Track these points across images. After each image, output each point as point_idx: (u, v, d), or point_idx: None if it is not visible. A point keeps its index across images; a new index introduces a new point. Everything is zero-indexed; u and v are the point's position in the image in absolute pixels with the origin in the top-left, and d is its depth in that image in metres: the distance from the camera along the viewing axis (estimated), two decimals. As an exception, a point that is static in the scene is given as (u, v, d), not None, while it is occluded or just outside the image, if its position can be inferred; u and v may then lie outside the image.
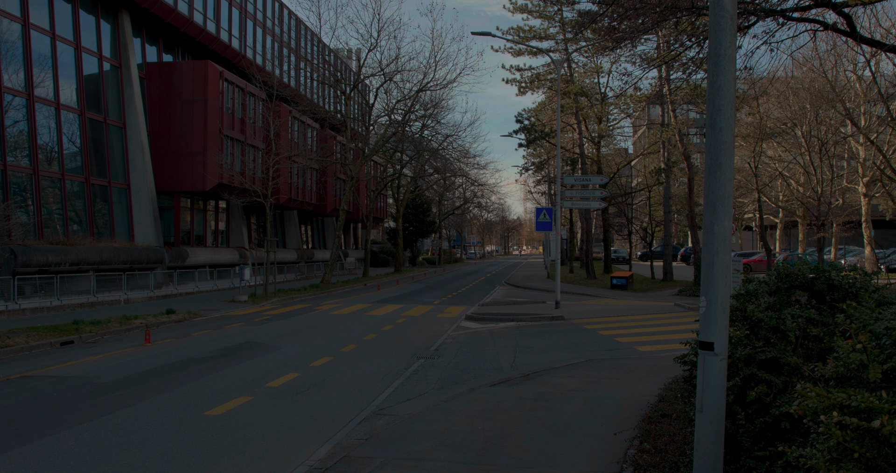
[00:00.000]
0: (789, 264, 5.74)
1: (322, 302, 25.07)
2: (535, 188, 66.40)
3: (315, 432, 7.45)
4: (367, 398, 9.10)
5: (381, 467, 5.98)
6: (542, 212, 22.02)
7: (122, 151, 30.18)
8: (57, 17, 26.43)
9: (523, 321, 18.01)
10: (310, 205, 45.76)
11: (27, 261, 21.73)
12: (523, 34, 36.34)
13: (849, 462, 3.06)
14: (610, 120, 42.15)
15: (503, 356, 12.59)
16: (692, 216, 29.79)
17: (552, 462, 6.09)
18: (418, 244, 70.04)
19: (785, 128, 32.81)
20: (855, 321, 3.82)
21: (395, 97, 40.63)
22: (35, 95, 25.08)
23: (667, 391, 8.47)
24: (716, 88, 4.40)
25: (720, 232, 4.40)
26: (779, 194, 40.40)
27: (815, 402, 3.21)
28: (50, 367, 11.39)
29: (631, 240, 46.88)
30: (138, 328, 16.23)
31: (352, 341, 14.62)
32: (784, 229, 48.87)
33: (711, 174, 4.40)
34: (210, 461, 6.42)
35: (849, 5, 13.02)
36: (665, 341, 13.71)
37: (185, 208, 34.75)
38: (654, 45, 24.87)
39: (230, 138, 34.23)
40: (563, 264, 52.57)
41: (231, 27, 36.47)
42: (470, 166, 57.16)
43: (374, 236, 74.92)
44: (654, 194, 41.11)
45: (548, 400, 8.47)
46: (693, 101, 32.24)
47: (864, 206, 35.05)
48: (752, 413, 4.71)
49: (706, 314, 4.37)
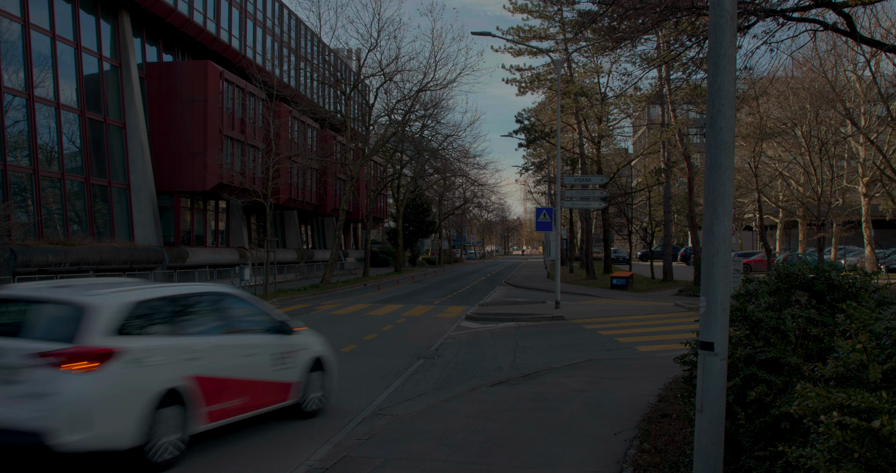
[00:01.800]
0: (789, 264, 5.74)
1: (322, 302, 25.08)
2: (535, 188, 66.43)
3: (315, 431, 7.45)
4: (368, 397, 9.10)
5: (381, 467, 5.98)
6: (542, 212, 22.03)
7: (122, 151, 30.18)
8: (57, 17, 26.42)
9: (523, 320, 18.01)
10: (310, 205, 45.77)
11: (27, 261, 21.73)
12: (523, 34, 36.35)
13: (849, 462, 3.06)
14: (610, 120, 42.15)
15: (503, 356, 12.60)
16: (692, 216, 29.79)
17: (552, 462, 6.10)
18: (418, 244, 70.04)
19: (785, 128, 32.80)
20: (855, 321, 3.82)
21: (395, 97, 40.65)
22: (35, 95, 25.08)
23: (667, 391, 8.47)
24: (716, 88, 4.40)
25: (720, 232, 4.40)
26: (779, 194, 40.40)
27: (815, 402, 3.21)
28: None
29: (631, 240, 46.94)
30: (138, 328, 16.20)
31: (352, 341, 14.62)
32: (784, 229, 48.86)
33: (711, 174, 4.41)
34: (210, 461, 6.42)
35: (849, 5, 13.02)
36: (665, 341, 13.70)
37: (185, 208, 34.75)
38: (654, 45, 24.87)
39: (230, 138, 34.23)
40: (563, 264, 52.54)
41: (231, 27, 36.47)
42: (470, 166, 57.18)
43: (374, 236, 74.92)
44: (654, 194, 41.11)
45: (548, 400, 8.47)
46: (693, 101, 32.24)
47: (864, 206, 35.05)
48: (752, 413, 4.71)
49: (706, 314, 4.38)
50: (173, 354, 6.21)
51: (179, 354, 6.27)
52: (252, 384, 7.05)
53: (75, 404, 5.41)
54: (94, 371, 5.54)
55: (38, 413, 5.33)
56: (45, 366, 5.43)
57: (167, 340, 6.30)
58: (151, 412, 5.82)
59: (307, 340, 8.19)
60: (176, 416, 6.08)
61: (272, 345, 7.47)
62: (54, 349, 5.51)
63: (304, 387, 7.80)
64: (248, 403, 7.00)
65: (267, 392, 7.28)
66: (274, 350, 7.44)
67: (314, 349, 8.21)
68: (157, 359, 6.03)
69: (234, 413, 6.84)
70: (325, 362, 8.36)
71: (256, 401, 7.14)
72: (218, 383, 6.57)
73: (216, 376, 6.57)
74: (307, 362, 7.91)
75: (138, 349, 5.92)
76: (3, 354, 5.56)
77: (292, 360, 7.64)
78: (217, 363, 6.63)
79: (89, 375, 5.52)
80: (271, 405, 7.38)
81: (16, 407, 5.37)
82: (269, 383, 7.29)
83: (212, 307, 7.20)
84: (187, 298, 6.97)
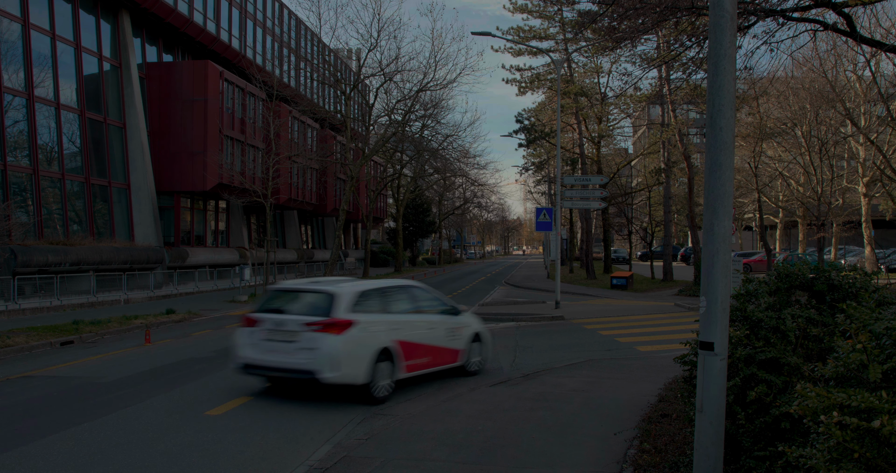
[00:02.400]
0: (789, 264, 5.74)
1: (322, 302, 25.04)
2: (535, 188, 66.43)
3: (315, 432, 7.45)
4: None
5: (381, 467, 5.98)
6: (542, 212, 22.02)
7: (122, 151, 30.19)
8: (57, 17, 26.43)
9: (523, 320, 18.01)
10: (310, 205, 45.77)
11: (27, 261, 21.73)
12: (523, 34, 36.34)
13: (849, 462, 3.06)
14: (610, 120, 42.13)
15: (503, 355, 12.59)
16: (692, 216, 29.79)
17: (552, 461, 6.10)
18: (418, 244, 70.02)
19: (785, 128, 32.79)
20: (855, 321, 3.82)
21: (395, 97, 40.64)
22: (35, 95, 25.08)
23: (667, 391, 8.47)
24: (716, 88, 4.40)
25: (720, 232, 4.40)
26: (779, 194, 40.39)
27: (815, 402, 3.21)
28: (50, 367, 11.39)
29: (631, 240, 46.88)
30: (138, 328, 16.22)
31: (352, 341, 14.61)
32: (784, 229, 48.86)
33: (711, 174, 4.40)
34: (210, 461, 6.43)
35: (849, 5, 13.02)
36: (665, 341, 13.70)
37: (185, 208, 34.76)
38: (654, 45, 24.88)
39: (230, 138, 34.24)
40: (563, 264, 52.54)
41: (231, 27, 36.48)
42: (470, 166, 57.16)
43: (374, 236, 74.91)
44: (654, 194, 41.10)
45: (548, 400, 8.47)
46: (693, 101, 32.23)
47: (864, 206, 35.04)
48: (752, 413, 4.71)
49: (706, 314, 4.37)
50: (385, 325, 9.07)
51: (389, 325, 9.12)
52: (433, 349, 9.83)
53: (330, 354, 8.30)
54: (341, 334, 8.42)
55: (309, 360, 8.34)
56: (311, 331, 8.43)
57: (381, 315, 9.17)
58: (373, 362, 8.58)
59: (469, 320, 10.83)
60: (387, 366, 8.85)
61: (446, 322, 10.24)
62: (317, 320, 8.49)
63: (467, 353, 10.43)
64: (430, 362, 9.79)
65: (443, 355, 10.02)
66: (447, 325, 10.18)
67: (474, 326, 10.77)
68: (376, 328, 8.89)
69: (422, 368, 9.62)
70: (483, 336, 10.91)
71: (436, 361, 9.90)
72: (412, 346, 9.34)
73: (411, 341, 9.32)
74: (469, 335, 10.50)
75: (365, 321, 8.76)
76: (286, 324, 8.69)
77: (459, 333, 10.33)
78: (411, 332, 9.44)
79: (338, 336, 8.40)
80: (445, 364, 10.09)
81: (297, 356, 8.46)
82: (444, 348, 10.03)
83: (406, 294, 10.14)
84: (390, 288, 9.92)
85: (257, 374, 9.05)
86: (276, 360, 8.65)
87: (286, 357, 8.56)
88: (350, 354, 8.38)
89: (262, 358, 8.74)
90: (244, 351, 8.90)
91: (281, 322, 8.73)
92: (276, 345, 8.65)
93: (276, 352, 8.64)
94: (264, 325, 8.83)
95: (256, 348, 8.79)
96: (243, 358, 8.91)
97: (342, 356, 8.32)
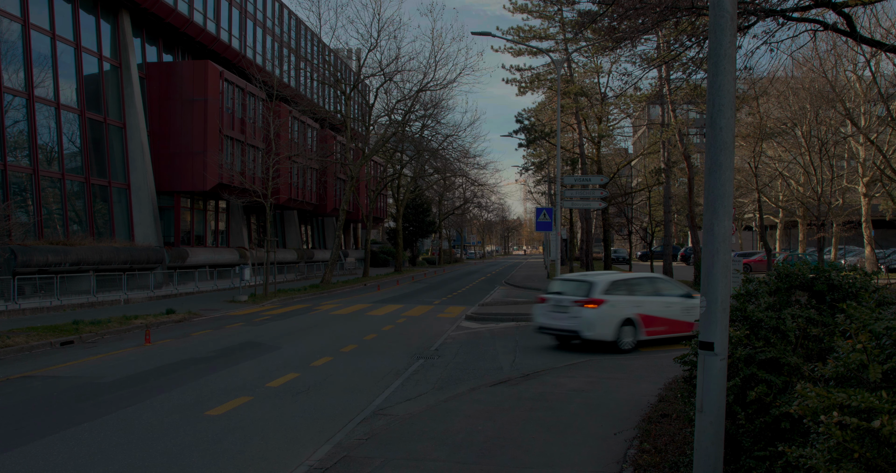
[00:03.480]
0: (789, 264, 5.74)
1: (322, 302, 25.07)
2: (535, 188, 66.36)
3: (315, 432, 7.45)
4: (368, 398, 9.11)
5: (381, 467, 5.98)
6: (542, 212, 22.02)
7: (122, 151, 30.18)
8: (57, 17, 26.43)
9: (523, 320, 18.00)
10: (310, 205, 45.76)
11: (27, 261, 21.72)
12: (523, 34, 36.31)
13: (849, 462, 3.06)
14: (610, 120, 42.08)
15: (503, 356, 12.60)
16: (692, 216, 29.79)
17: (552, 461, 6.10)
18: (418, 244, 70.00)
19: (785, 128, 32.79)
20: (855, 321, 3.82)
21: (395, 97, 40.62)
22: (35, 95, 25.08)
23: (667, 391, 8.48)
24: (716, 88, 4.40)
25: (720, 232, 4.40)
26: (779, 194, 40.38)
27: (815, 402, 3.21)
28: (50, 367, 11.39)
29: (631, 240, 46.93)
30: (138, 328, 16.23)
31: (352, 341, 14.62)
32: (784, 229, 48.85)
33: (711, 174, 4.41)
34: (210, 461, 6.43)
35: (849, 5, 13.01)
36: (665, 341, 13.71)
37: (185, 208, 34.75)
38: (654, 45, 24.84)
39: (230, 138, 34.23)
40: (564, 264, 52.45)
41: (231, 27, 36.47)
42: (470, 166, 57.11)
43: (374, 236, 74.89)
44: (654, 194, 41.09)
45: (548, 400, 8.47)
46: (693, 101, 32.22)
47: (864, 206, 35.03)
48: (752, 413, 4.71)
49: (706, 314, 4.38)
50: (628, 303, 12.97)
51: (631, 303, 13.01)
52: (669, 321, 13.37)
53: (589, 320, 12.66)
54: (596, 308, 12.68)
55: (576, 324, 12.82)
56: (577, 306, 12.78)
57: (626, 297, 13.04)
58: (619, 327, 12.73)
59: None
60: (630, 330, 12.90)
61: (681, 302, 13.57)
62: (580, 299, 12.80)
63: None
64: (667, 330, 13.36)
65: (678, 326, 13.32)
66: (683, 305, 13.48)
67: None
68: (621, 305, 12.86)
69: (660, 334, 13.26)
70: None
71: (672, 329, 13.36)
72: (650, 318, 13.15)
73: (649, 314, 13.12)
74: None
75: (613, 300, 12.83)
76: (562, 302, 13.10)
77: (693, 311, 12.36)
78: (650, 308, 13.22)
79: (594, 309, 12.69)
80: (680, 333, 13.14)
81: (568, 322, 12.95)
82: (679, 321, 13.33)
83: (647, 282, 14.06)
84: (636, 279, 14.04)
85: (546, 333, 13.71)
86: (557, 324, 13.18)
87: (562, 322, 13.04)
88: (602, 321, 12.58)
89: (548, 323, 13.36)
90: (539, 319, 13.61)
91: (559, 301, 13.15)
92: (556, 315, 13.14)
93: (556, 319, 13.15)
94: (550, 302, 13.33)
95: (545, 316, 13.40)
96: (539, 323, 13.61)
97: (596, 322, 12.60)
